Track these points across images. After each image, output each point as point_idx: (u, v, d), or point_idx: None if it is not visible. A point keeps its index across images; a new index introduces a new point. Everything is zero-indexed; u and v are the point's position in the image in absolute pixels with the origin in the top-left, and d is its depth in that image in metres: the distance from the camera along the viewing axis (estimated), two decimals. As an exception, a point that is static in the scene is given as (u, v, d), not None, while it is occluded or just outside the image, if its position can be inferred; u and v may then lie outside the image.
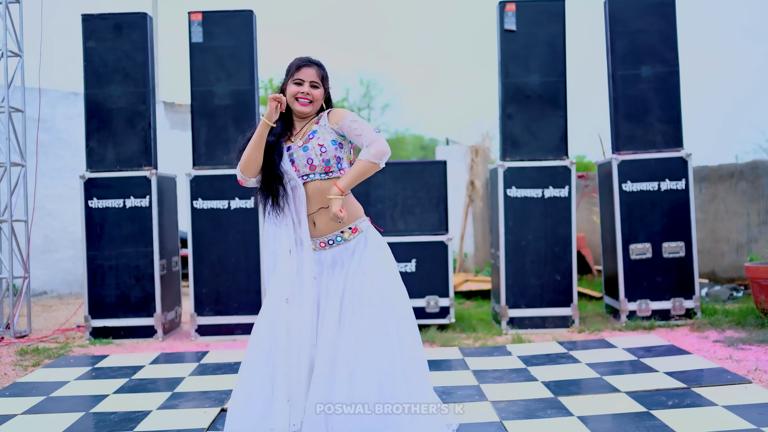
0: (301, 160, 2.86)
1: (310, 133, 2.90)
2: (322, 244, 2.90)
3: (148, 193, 5.72)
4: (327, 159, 2.86)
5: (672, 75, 5.71)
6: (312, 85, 2.89)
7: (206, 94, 5.76)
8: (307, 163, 2.86)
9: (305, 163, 2.86)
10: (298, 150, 2.88)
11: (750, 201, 7.41)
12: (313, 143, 2.87)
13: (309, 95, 2.88)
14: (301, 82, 2.88)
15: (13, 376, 4.52)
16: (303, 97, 2.88)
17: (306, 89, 2.88)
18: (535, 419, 3.35)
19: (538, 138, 5.76)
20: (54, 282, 8.74)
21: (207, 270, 5.73)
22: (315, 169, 2.87)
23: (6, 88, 5.97)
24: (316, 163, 2.86)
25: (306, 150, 2.86)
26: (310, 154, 2.86)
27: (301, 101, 2.88)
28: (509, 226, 5.73)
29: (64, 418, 3.56)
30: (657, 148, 5.71)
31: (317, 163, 2.86)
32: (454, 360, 4.61)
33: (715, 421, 3.19)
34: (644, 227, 5.69)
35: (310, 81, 2.89)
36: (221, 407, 3.67)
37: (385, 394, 2.72)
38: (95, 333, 5.72)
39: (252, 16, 5.80)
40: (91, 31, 5.78)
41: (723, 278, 7.56)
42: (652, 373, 4.08)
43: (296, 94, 2.88)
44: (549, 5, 5.74)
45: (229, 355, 4.93)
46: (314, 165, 2.86)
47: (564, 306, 5.72)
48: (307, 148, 2.86)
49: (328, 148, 2.86)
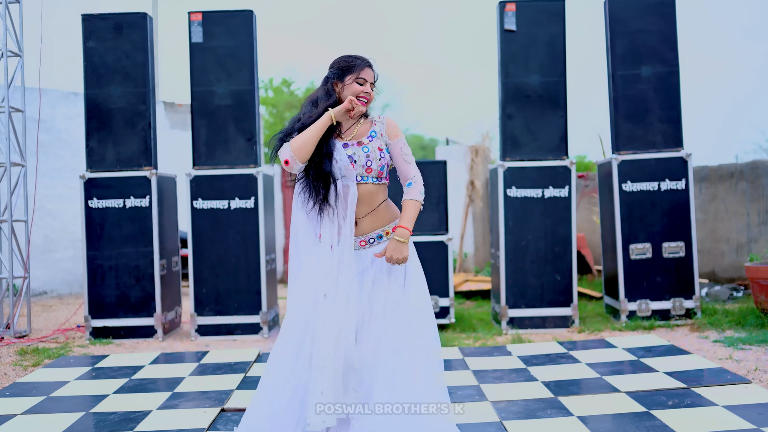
0: (360, 160, 2.87)
1: (370, 134, 2.92)
2: (362, 243, 2.92)
3: (148, 193, 5.72)
4: (383, 165, 2.90)
5: (672, 75, 5.71)
6: (372, 86, 2.93)
7: (206, 94, 5.76)
8: (366, 164, 2.87)
9: (363, 164, 2.87)
10: (357, 149, 2.88)
11: (750, 201, 7.41)
12: (373, 146, 2.89)
13: (369, 95, 2.91)
14: (364, 82, 2.90)
15: (13, 376, 4.52)
16: (364, 97, 2.90)
17: (368, 89, 2.90)
18: (535, 419, 3.35)
19: (538, 138, 5.76)
20: (54, 282, 8.74)
21: (207, 270, 5.73)
22: (371, 173, 2.88)
23: (6, 88, 5.97)
24: (374, 166, 2.88)
25: (366, 151, 2.88)
26: (370, 157, 2.87)
27: (362, 101, 2.90)
28: (509, 226, 5.73)
29: (64, 418, 3.56)
30: (657, 148, 5.71)
31: (375, 166, 2.88)
32: (454, 360, 4.61)
33: (715, 421, 3.19)
34: (644, 227, 5.69)
35: (371, 82, 2.92)
36: (221, 407, 3.67)
37: (418, 397, 2.76)
38: (95, 333, 5.72)
39: (252, 16, 5.80)
40: (91, 31, 5.78)
41: (723, 278, 7.56)
42: (652, 373, 4.08)
43: (359, 93, 2.88)
44: (549, 5, 5.74)
45: (229, 355, 4.93)
46: (371, 168, 2.88)
47: (564, 306, 5.72)
48: (368, 149, 2.88)
49: (385, 155, 2.91)
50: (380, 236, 2.93)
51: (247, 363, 4.63)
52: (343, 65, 2.92)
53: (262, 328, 5.73)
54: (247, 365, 4.58)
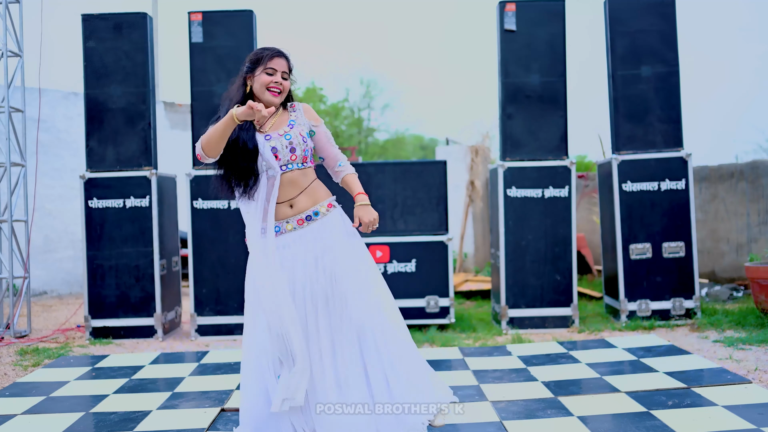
0: (284, 149, 2.87)
1: (290, 122, 2.94)
2: (300, 222, 2.90)
3: (148, 193, 5.72)
4: (306, 149, 2.91)
5: (672, 75, 5.71)
6: (283, 76, 2.91)
7: (206, 94, 5.76)
8: (290, 151, 2.87)
9: (288, 152, 2.87)
10: (279, 138, 2.88)
11: (750, 201, 7.41)
12: (295, 132, 2.90)
13: (281, 85, 2.90)
14: (274, 72, 2.89)
15: (13, 376, 4.52)
16: (275, 87, 2.89)
17: (278, 79, 2.89)
18: (535, 419, 3.35)
19: (538, 138, 5.76)
20: (54, 282, 8.74)
21: (207, 270, 5.73)
22: (295, 159, 2.89)
23: (6, 88, 5.97)
24: (298, 152, 2.89)
25: (288, 138, 2.88)
26: (293, 143, 2.88)
27: (273, 91, 2.89)
28: (509, 226, 5.73)
29: (64, 418, 3.56)
30: (657, 148, 5.71)
31: (299, 152, 2.89)
32: (454, 360, 4.61)
33: (715, 421, 3.19)
34: (644, 227, 5.69)
35: (281, 71, 2.91)
36: (221, 407, 3.67)
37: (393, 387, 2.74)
38: (95, 333, 5.72)
39: (252, 16, 5.80)
40: (91, 31, 5.78)
41: (723, 278, 7.56)
42: (652, 373, 4.08)
43: (269, 83, 2.88)
44: (549, 5, 5.74)
45: (229, 355, 4.93)
46: (296, 155, 2.88)
47: (564, 306, 5.72)
48: (290, 136, 2.89)
49: (307, 140, 2.93)
50: (317, 212, 2.91)
51: (247, 363, 4.63)
52: (253, 57, 2.93)
53: (262, 328, 5.73)
54: (247, 365, 4.57)
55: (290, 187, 2.88)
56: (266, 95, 2.90)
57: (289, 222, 2.89)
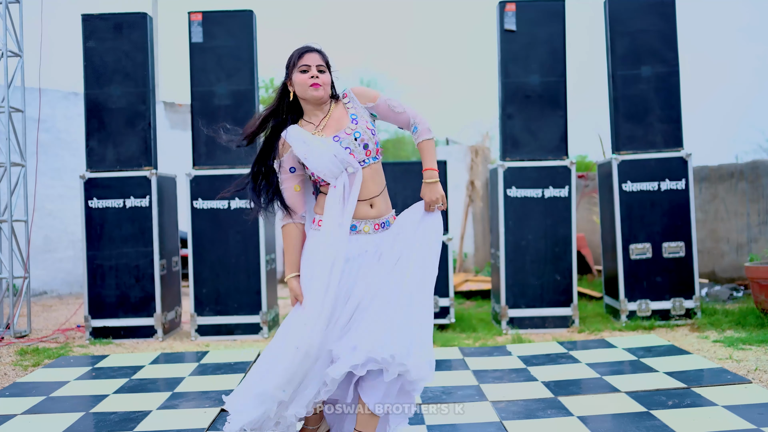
0: (357, 147, 2.75)
1: (351, 117, 2.80)
2: (376, 227, 2.81)
3: (148, 193, 5.72)
4: (377, 141, 2.81)
5: (672, 75, 5.71)
6: (319, 69, 2.78)
7: (206, 94, 5.76)
8: (363, 148, 2.77)
9: (362, 149, 2.76)
10: (347, 138, 2.75)
11: (750, 201, 7.41)
12: (362, 127, 2.78)
13: (319, 79, 2.77)
14: (308, 68, 2.77)
15: (13, 376, 4.52)
16: (315, 84, 2.75)
17: (314, 73, 2.76)
18: (535, 419, 3.35)
19: (538, 138, 5.76)
20: (54, 282, 8.74)
21: (207, 270, 5.73)
22: (370, 154, 2.79)
23: (6, 88, 5.97)
24: (371, 147, 2.78)
25: (359, 135, 2.76)
26: (365, 139, 2.77)
27: (314, 86, 2.76)
28: (509, 226, 5.73)
29: (64, 418, 3.56)
30: (657, 148, 5.71)
31: (372, 147, 2.79)
32: (454, 360, 4.61)
33: (715, 421, 3.19)
34: (644, 227, 5.69)
35: (316, 65, 2.78)
36: (221, 407, 3.66)
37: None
38: (95, 333, 5.72)
39: (252, 16, 5.80)
40: (91, 31, 5.78)
41: (723, 278, 7.56)
42: (652, 373, 4.08)
43: (307, 81, 2.76)
44: (549, 5, 5.74)
45: (229, 355, 4.93)
46: (369, 149, 2.78)
47: (564, 306, 5.72)
48: (359, 133, 2.76)
49: (374, 130, 2.81)
50: (388, 222, 2.84)
51: (247, 363, 4.63)
52: (287, 63, 2.84)
53: (262, 328, 5.73)
54: (247, 365, 4.58)
55: (371, 183, 2.79)
56: (308, 92, 2.77)
57: (367, 224, 2.78)
